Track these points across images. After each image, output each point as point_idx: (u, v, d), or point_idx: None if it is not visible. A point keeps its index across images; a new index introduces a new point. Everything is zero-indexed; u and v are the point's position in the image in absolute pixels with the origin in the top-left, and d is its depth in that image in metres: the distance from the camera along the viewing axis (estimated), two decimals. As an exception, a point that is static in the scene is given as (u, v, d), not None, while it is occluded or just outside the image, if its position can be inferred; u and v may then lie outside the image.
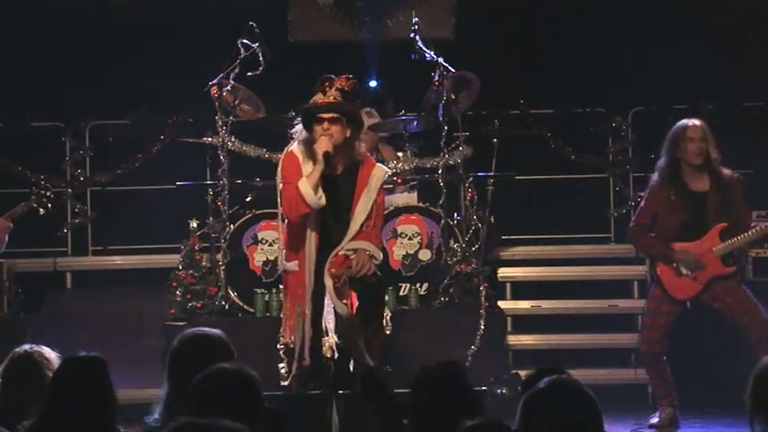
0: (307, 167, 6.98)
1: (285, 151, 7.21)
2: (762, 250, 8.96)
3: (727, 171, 7.73)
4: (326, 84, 7.08)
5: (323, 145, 6.95)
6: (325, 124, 6.99)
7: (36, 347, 4.84)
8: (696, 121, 7.75)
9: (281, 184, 7.06)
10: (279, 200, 7.10)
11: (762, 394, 3.95)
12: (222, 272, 8.30)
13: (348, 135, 7.06)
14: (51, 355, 4.79)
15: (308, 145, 7.05)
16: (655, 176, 7.78)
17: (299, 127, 7.17)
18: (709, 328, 8.16)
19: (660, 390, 7.81)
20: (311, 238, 7.02)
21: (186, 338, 4.39)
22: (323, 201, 6.94)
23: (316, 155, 6.95)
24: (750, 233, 7.61)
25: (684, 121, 7.76)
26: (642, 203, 7.83)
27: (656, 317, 7.74)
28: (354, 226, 7.08)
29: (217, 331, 4.38)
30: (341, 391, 6.69)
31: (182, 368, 4.20)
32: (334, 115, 7.02)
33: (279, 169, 7.16)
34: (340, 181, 7.12)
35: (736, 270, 7.73)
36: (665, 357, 7.75)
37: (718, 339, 8.25)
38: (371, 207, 7.12)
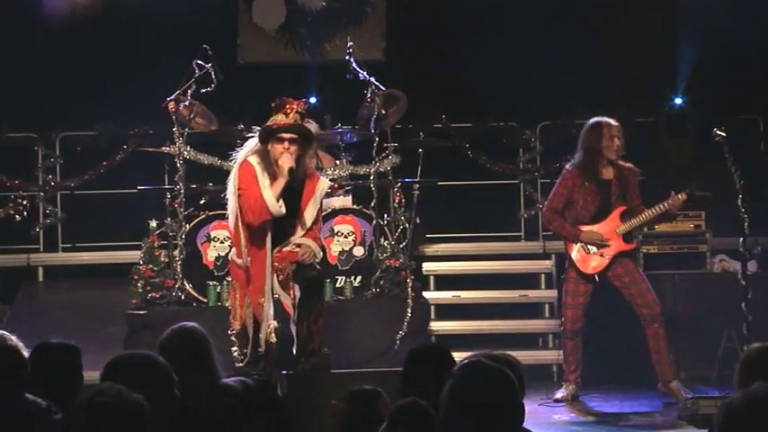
0: (263, 178, 6.87)
1: (240, 161, 7.02)
2: (651, 246, 9.04)
3: (627, 164, 7.83)
4: (287, 107, 6.99)
5: (287, 161, 6.84)
6: (286, 143, 6.89)
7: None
8: (614, 121, 7.77)
9: (240, 191, 6.90)
10: (237, 205, 6.91)
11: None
12: (178, 266, 8.21)
13: (301, 153, 7.02)
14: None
15: (263, 157, 6.94)
16: (569, 166, 7.80)
17: (254, 140, 7.07)
18: (605, 310, 8.22)
19: (570, 365, 7.82)
20: (268, 239, 6.93)
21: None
22: (283, 210, 6.86)
23: (281, 169, 6.84)
24: (644, 215, 7.71)
25: (605, 119, 7.76)
26: (555, 190, 7.82)
27: (577, 296, 7.77)
28: (302, 229, 7.02)
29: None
30: (284, 372, 6.67)
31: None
32: (294, 136, 6.95)
33: (235, 177, 6.96)
34: (291, 190, 7.04)
35: (636, 246, 7.84)
36: (580, 335, 7.80)
37: (613, 320, 8.31)
38: (317, 213, 7.11)
